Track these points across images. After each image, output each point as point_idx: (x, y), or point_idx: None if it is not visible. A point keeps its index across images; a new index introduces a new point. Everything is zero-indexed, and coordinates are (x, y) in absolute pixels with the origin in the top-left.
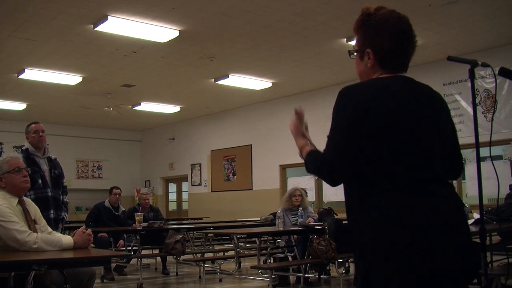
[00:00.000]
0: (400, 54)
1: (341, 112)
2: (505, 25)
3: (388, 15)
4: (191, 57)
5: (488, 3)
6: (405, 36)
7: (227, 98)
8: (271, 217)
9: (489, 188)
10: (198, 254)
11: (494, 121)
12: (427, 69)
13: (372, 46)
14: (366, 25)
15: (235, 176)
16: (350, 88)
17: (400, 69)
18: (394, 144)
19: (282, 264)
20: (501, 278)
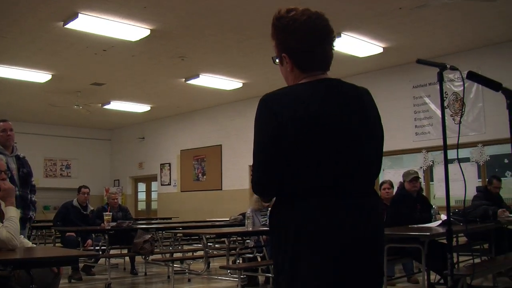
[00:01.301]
0: (316, 53)
1: (262, 124)
2: (473, 30)
3: (297, 15)
4: (162, 56)
5: (457, 8)
6: (317, 34)
7: (198, 98)
8: (240, 217)
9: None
10: (167, 254)
11: (462, 124)
12: (397, 71)
13: (286, 50)
14: (278, 29)
15: (205, 176)
16: (270, 96)
17: (321, 69)
18: (313, 156)
19: (251, 264)
20: (467, 279)
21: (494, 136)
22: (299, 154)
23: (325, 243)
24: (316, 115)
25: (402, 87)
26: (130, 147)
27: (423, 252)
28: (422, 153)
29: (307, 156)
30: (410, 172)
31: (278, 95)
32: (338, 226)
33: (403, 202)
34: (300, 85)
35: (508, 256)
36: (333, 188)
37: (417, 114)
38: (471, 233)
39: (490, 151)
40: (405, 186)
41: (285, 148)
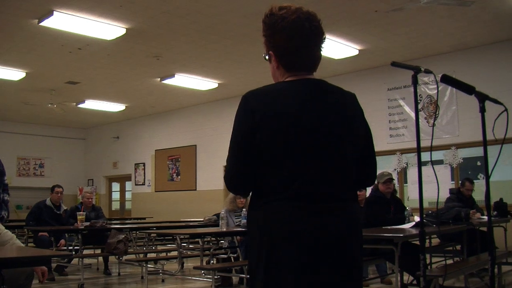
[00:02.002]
0: (301, 53)
1: (239, 121)
2: (448, 33)
3: (287, 13)
4: (137, 55)
5: (432, 11)
6: (305, 34)
7: (173, 97)
8: (214, 217)
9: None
10: (140, 254)
11: (436, 126)
12: (372, 74)
13: (273, 47)
14: (267, 26)
15: (179, 176)
16: (251, 93)
17: (307, 69)
18: (288, 156)
19: (225, 265)
20: (439, 279)
21: (468, 139)
22: (274, 154)
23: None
24: (294, 115)
25: (377, 89)
26: (105, 147)
27: (397, 253)
28: (396, 155)
29: (282, 156)
30: (384, 174)
31: (260, 93)
32: (311, 230)
33: (377, 203)
34: (283, 83)
35: (479, 257)
36: (308, 191)
37: (391, 116)
38: (443, 235)
39: (463, 153)
40: (379, 187)
41: (261, 146)
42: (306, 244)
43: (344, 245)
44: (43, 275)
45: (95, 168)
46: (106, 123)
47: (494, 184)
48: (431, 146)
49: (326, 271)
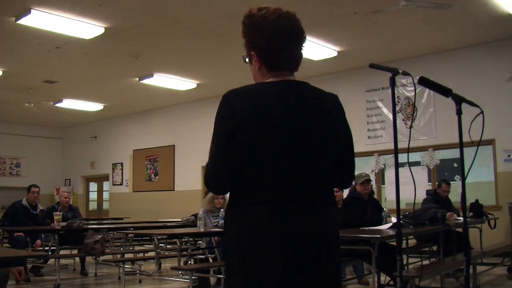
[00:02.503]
0: (283, 53)
1: (220, 120)
2: (426, 36)
3: (267, 13)
4: (116, 55)
5: (411, 14)
6: (286, 33)
7: (151, 97)
8: (192, 218)
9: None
10: (117, 255)
11: (414, 128)
12: (351, 75)
13: (254, 48)
14: (247, 27)
15: (157, 177)
16: (232, 93)
17: (289, 69)
18: (267, 158)
19: (202, 265)
20: (415, 280)
21: (445, 141)
22: (256, 155)
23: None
24: (276, 116)
25: (355, 91)
26: (82, 146)
27: (374, 254)
28: (374, 156)
29: (264, 157)
30: (361, 175)
31: (241, 92)
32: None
33: (354, 204)
34: (265, 84)
35: (455, 258)
36: (290, 192)
37: (370, 118)
38: (420, 236)
39: (441, 155)
40: (357, 188)
41: (243, 147)
42: (287, 245)
43: (325, 247)
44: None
45: (73, 168)
46: (84, 122)
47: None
48: (408, 148)
49: (307, 272)
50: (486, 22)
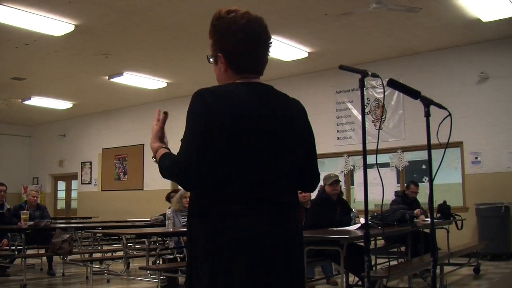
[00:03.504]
0: (250, 57)
1: (195, 115)
2: (396, 38)
3: (237, 17)
4: (86, 52)
5: (382, 16)
6: (254, 37)
7: (121, 96)
8: (161, 217)
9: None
10: (85, 254)
11: (383, 130)
12: (321, 76)
13: (222, 50)
14: (216, 29)
15: (126, 176)
16: (205, 90)
17: (255, 72)
18: (237, 159)
19: (171, 265)
20: (383, 280)
21: (413, 143)
22: (225, 154)
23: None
24: (249, 118)
25: (325, 92)
26: (51, 145)
27: (342, 254)
28: (344, 157)
29: (231, 158)
30: (330, 176)
31: (215, 91)
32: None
33: (323, 205)
34: (234, 84)
35: (423, 258)
36: (262, 195)
37: (339, 119)
38: (388, 236)
39: (409, 157)
40: (326, 189)
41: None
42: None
43: (293, 251)
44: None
45: (41, 166)
46: (52, 120)
47: (438, 187)
48: (377, 149)
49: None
50: (456, 26)
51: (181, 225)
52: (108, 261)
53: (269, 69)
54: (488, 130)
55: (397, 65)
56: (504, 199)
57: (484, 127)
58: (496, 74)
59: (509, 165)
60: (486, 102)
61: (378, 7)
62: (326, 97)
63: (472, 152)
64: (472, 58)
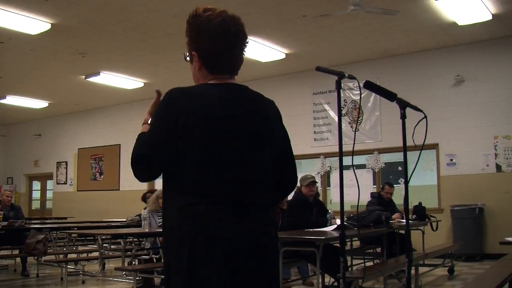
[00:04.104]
0: (226, 56)
1: (164, 113)
2: (373, 40)
3: (213, 15)
4: (62, 52)
5: (359, 18)
6: (230, 37)
7: (98, 96)
8: (137, 218)
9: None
10: (60, 255)
11: (360, 131)
12: (298, 78)
13: (197, 49)
14: (192, 27)
15: (102, 176)
16: (177, 90)
17: (230, 72)
18: (208, 159)
19: (147, 266)
20: (359, 281)
21: (390, 144)
22: (194, 154)
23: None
24: (220, 119)
25: (302, 93)
26: (26, 144)
27: (318, 255)
28: (320, 158)
29: (201, 158)
30: (307, 177)
31: (185, 91)
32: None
33: (300, 206)
34: (208, 85)
35: (398, 259)
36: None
37: (316, 120)
38: (364, 237)
39: (385, 158)
40: (302, 190)
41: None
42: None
43: (266, 252)
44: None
45: (15, 166)
46: (28, 120)
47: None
48: (353, 151)
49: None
50: (432, 29)
51: (157, 226)
52: (83, 262)
53: (246, 70)
54: (464, 133)
55: (374, 67)
56: (479, 200)
57: (460, 130)
58: (471, 77)
59: (483, 167)
60: (461, 104)
61: (355, 9)
62: (303, 98)
63: (447, 154)
64: (448, 61)
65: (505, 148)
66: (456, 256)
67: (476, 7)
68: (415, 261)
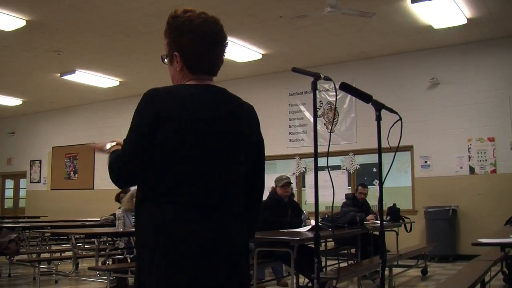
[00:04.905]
0: (206, 56)
1: (141, 115)
2: (350, 42)
3: (193, 16)
4: (37, 49)
5: (336, 20)
6: (211, 38)
7: (73, 94)
8: (111, 217)
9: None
10: (33, 255)
11: (335, 133)
12: (274, 79)
13: (178, 49)
14: (173, 28)
15: (77, 175)
16: (155, 91)
17: (210, 73)
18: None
19: (120, 265)
20: (333, 281)
21: (365, 146)
22: (172, 155)
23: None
24: (197, 120)
25: (278, 94)
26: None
27: (293, 256)
28: (295, 159)
29: (179, 160)
30: (282, 178)
31: (165, 92)
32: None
33: (274, 206)
34: (188, 86)
35: (372, 260)
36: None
37: (292, 121)
38: (339, 238)
39: (360, 160)
40: (277, 191)
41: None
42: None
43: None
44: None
45: None
46: (1, 117)
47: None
48: (328, 152)
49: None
50: (408, 32)
51: (131, 225)
52: (57, 261)
53: (222, 70)
54: (438, 135)
55: (350, 69)
56: (452, 202)
57: (434, 132)
58: (446, 80)
59: (457, 169)
60: (436, 107)
61: (332, 11)
62: (279, 99)
63: (421, 156)
64: (423, 64)
65: (478, 151)
66: (429, 257)
67: (451, 11)
68: (389, 262)
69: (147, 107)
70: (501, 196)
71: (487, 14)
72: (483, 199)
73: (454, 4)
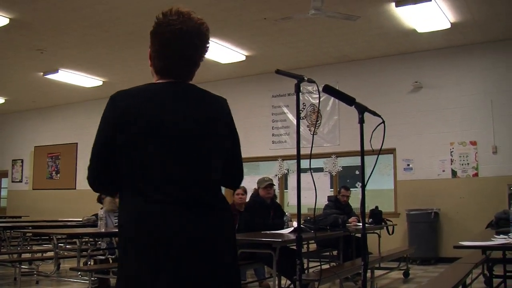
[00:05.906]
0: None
1: (104, 120)
2: (334, 45)
3: (176, 21)
4: (20, 47)
5: (320, 23)
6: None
7: (56, 93)
8: (93, 218)
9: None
10: (14, 255)
11: (318, 135)
12: (258, 80)
13: (152, 50)
14: (153, 30)
15: (59, 175)
16: (119, 93)
17: (178, 78)
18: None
19: (102, 266)
20: (315, 283)
21: (347, 148)
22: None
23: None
24: (160, 117)
25: (262, 95)
26: None
27: (275, 257)
28: (278, 161)
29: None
30: (264, 179)
31: (127, 93)
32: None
33: (257, 208)
34: (151, 85)
35: (354, 262)
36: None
37: (275, 123)
38: (321, 240)
39: (343, 162)
40: (259, 192)
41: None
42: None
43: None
44: None
45: None
46: None
47: (371, 192)
48: (311, 154)
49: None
50: (392, 35)
51: (113, 226)
52: (38, 261)
53: (206, 71)
54: (420, 138)
55: (334, 71)
56: (434, 205)
57: (417, 135)
58: (429, 83)
59: (439, 172)
60: (419, 110)
61: (316, 13)
62: (262, 101)
63: (404, 159)
64: (407, 67)
65: (460, 154)
66: (411, 259)
67: (435, 15)
68: (371, 264)
69: (109, 112)
70: (483, 199)
71: (470, 19)
72: (465, 202)
73: (438, 8)
